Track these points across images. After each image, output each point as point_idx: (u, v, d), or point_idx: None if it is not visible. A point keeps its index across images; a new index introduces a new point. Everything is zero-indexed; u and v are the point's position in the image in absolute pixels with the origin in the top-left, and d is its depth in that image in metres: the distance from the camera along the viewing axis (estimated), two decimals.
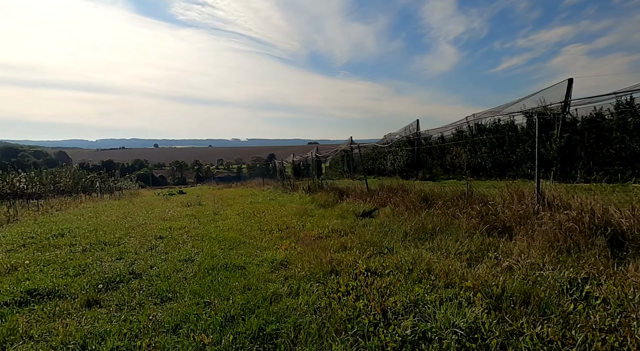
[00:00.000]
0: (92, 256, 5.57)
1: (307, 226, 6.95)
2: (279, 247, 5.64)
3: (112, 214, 11.83)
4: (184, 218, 9.79)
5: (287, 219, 7.96)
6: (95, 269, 4.82)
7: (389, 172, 30.09)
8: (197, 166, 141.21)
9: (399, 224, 5.89)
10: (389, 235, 5.48)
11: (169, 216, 10.21)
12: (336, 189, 10.81)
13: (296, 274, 4.18)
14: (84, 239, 6.94)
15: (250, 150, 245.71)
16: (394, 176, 28.22)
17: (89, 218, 10.69)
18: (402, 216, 6.46)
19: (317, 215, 8.12)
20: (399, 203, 7.11)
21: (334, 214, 7.75)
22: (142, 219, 9.78)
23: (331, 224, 6.78)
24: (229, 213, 10.28)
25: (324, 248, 5.17)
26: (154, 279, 4.34)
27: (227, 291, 3.72)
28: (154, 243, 6.38)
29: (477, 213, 5.24)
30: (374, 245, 5.02)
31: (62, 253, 5.84)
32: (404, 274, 3.73)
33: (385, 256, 4.46)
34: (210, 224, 8.31)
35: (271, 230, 7.02)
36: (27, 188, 21.82)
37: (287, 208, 10.16)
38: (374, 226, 6.21)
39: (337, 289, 3.54)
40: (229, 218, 9.21)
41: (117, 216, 11.06)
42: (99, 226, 8.79)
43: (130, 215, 11.12)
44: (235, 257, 5.17)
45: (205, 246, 5.93)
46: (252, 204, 12.14)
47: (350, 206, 8.56)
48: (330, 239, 5.78)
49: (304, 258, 4.80)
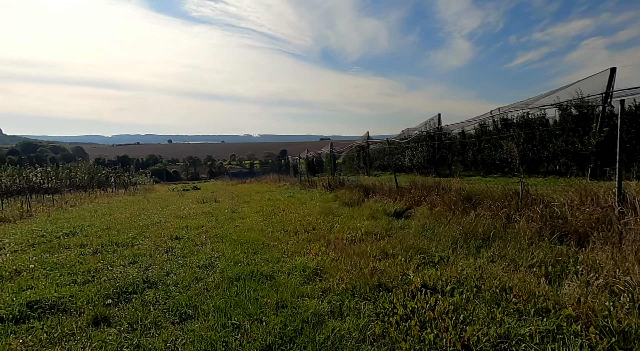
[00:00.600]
0: (103, 259, 5.06)
1: (336, 228, 6.32)
2: (308, 252, 5.03)
3: (126, 210, 11.44)
4: (201, 215, 9.28)
5: (311, 219, 7.34)
6: (106, 276, 4.29)
7: (406, 168, 29.18)
8: (210, 161, 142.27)
9: (443, 227, 5.20)
10: (434, 240, 4.80)
11: (185, 213, 9.72)
12: (360, 186, 10.15)
13: (335, 288, 3.55)
14: (95, 239, 6.47)
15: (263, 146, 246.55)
16: (412, 172, 27.36)
17: (102, 215, 10.29)
18: (444, 217, 5.76)
19: (344, 215, 7.47)
20: (438, 202, 6.40)
21: (363, 214, 7.09)
22: (157, 217, 9.31)
23: (363, 226, 6.13)
24: (247, 211, 9.73)
25: (361, 254, 4.53)
26: (171, 289, 3.78)
27: (258, 309, 3.12)
28: (170, 245, 5.85)
29: (540, 216, 4.52)
30: (420, 252, 4.36)
31: (71, 255, 5.35)
32: (471, 292, 3.06)
33: (439, 268, 3.78)
34: (229, 224, 7.75)
35: (296, 231, 6.41)
36: (44, 183, 21.84)
37: (308, 206, 9.55)
38: (414, 228, 5.53)
39: (391, 310, 2.90)
40: (248, 217, 8.65)
41: (131, 213, 10.64)
42: (112, 224, 8.34)
43: (144, 212, 10.69)
44: (261, 263, 4.58)
45: (226, 249, 5.36)
46: (271, 202, 11.58)
47: (378, 205, 7.89)
48: (366, 243, 5.13)
49: (340, 266, 4.17)
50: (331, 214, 7.61)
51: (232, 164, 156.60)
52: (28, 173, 19.71)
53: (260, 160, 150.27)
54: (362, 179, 15.31)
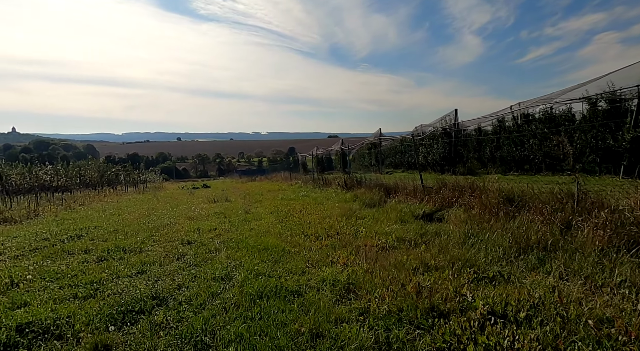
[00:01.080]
0: (109, 268, 4.57)
1: (362, 232, 5.74)
2: (335, 261, 4.47)
3: (135, 210, 11.03)
4: (212, 216, 8.79)
5: (332, 222, 6.78)
6: (110, 290, 3.79)
7: (420, 166, 28.41)
8: (219, 159, 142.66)
9: (488, 234, 4.58)
10: (482, 250, 4.19)
11: (196, 214, 9.24)
12: (380, 185, 9.54)
13: (375, 309, 2.99)
14: (101, 244, 6.00)
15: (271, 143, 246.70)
16: (426, 170, 26.63)
17: (110, 216, 9.88)
18: (484, 222, 5.14)
19: (367, 217, 6.89)
20: (474, 204, 5.78)
21: (389, 216, 6.49)
22: (167, 218, 8.84)
23: (392, 230, 5.54)
24: (261, 212, 9.21)
25: (397, 265, 3.95)
26: (184, 308, 3.26)
27: (289, 340, 2.57)
28: (182, 251, 5.35)
29: (607, 223, 3.88)
30: (468, 265, 3.76)
31: (74, 263, 4.88)
32: (555, 323, 2.46)
33: (500, 286, 3.19)
34: (244, 226, 7.24)
35: (317, 236, 5.85)
36: (53, 181, 21.68)
37: (326, 206, 8.99)
38: (452, 235, 4.92)
39: (457, 347, 2.33)
40: (263, 218, 8.12)
41: (140, 213, 10.22)
42: (120, 225, 7.89)
43: (154, 212, 10.25)
44: (285, 275, 4.03)
45: (243, 257, 4.83)
46: (284, 202, 11.05)
47: (403, 207, 7.29)
48: (400, 251, 4.55)
49: (376, 280, 3.61)
50: (353, 217, 7.03)
51: (240, 162, 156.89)
52: (37, 171, 19.53)
53: (268, 158, 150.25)
54: (375, 177, 14.70)
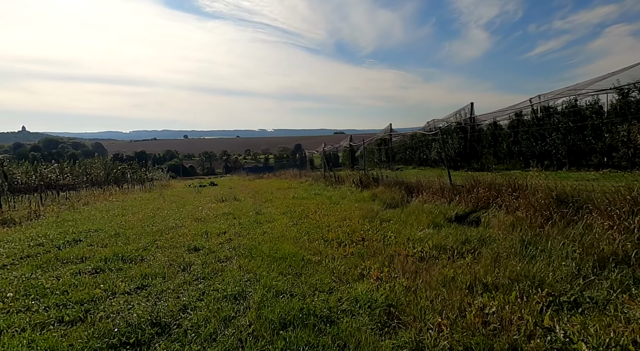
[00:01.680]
0: (104, 281, 3.97)
1: (391, 238, 5.06)
2: (367, 274, 3.81)
3: (140, 211, 10.47)
4: (221, 218, 8.18)
5: (354, 225, 6.11)
6: (103, 311, 3.18)
7: (432, 162, 27.62)
8: (226, 156, 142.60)
9: (550, 242, 3.87)
10: (546, 263, 3.48)
11: (204, 215, 8.64)
12: (400, 183, 8.82)
13: (434, 346, 2.33)
14: (100, 251, 5.41)
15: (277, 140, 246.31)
16: (440, 166, 25.81)
17: (113, 217, 9.33)
18: (535, 226, 4.43)
19: (393, 219, 6.20)
20: (519, 205, 5.06)
21: (419, 219, 5.79)
22: (173, 219, 8.25)
23: (426, 236, 4.86)
24: (273, 212, 8.57)
25: (445, 282, 3.27)
26: (190, 339, 2.63)
27: None
28: (188, 260, 4.73)
29: None
30: (535, 283, 3.06)
31: (66, 274, 4.29)
32: None
33: (593, 316, 2.49)
34: (255, 229, 6.60)
35: (340, 241, 5.19)
36: (59, 180, 21.34)
37: (343, 207, 8.31)
38: (502, 243, 4.22)
39: None
40: (276, 220, 7.48)
41: (145, 214, 9.65)
42: (123, 228, 7.32)
43: (159, 213, 9.68)
44: (310, 294, 3.38)
45: (258, 268, 4.18)
46: (297, 201, 10.40)
47: (431, 207, 6.59)
48: (442, 262, 3.87)
49: (423, 302, 2.94)
50: (377, 219, 6.35)
51: (247, 159, 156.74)
52: (42, 170, 19.16)
53: (275, 155, 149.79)
54: (393, 174, 13.98)
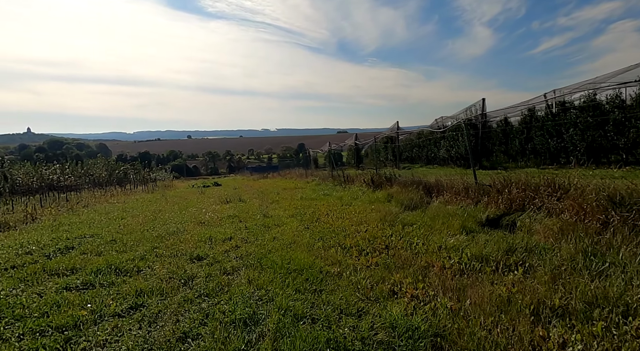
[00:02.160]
0: (93, 300, 3.41)
1: (418, 245, 4.47)
2: (398, 290, 3.23)
3: (140, 213, 9.95)
4: (226, 221, 7.62)
5: (373, 229, 5.52)
6: (88, 340, 2.62)
7: (441, 160, 26.96)
8: (229, 156, 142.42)
9: (622, 253, 3.27)
10: (627, 282, 2.87)
11: (207, 218, 8.09)
12: (417, 183, 8.22)
13: None
14: (93, 260, 4.87)
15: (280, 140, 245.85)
16: (448, 164, 25.15)
17: (112, 220, 8.80)
18: (592, 233, 3.83)
19: (417, 223, 5.60)
20: (563, 208, 4.46)
21: (447, 223, 5.19)
22: (174, 223, 7.69)
23: (460, 244, 4.26)
24: (281, 215, 7.99)
25: (500, 304, 2.69)
26: None
27: None
28: (189, 272, 4.16)
29: None
30: (622, 310, 2.46)
31: (50, 290, 3.74)
32: None
33: None
34: (264, 234, 6.03)
35: (360, 249, 4.61)
36: (61, 181, 20.94)
37: (356, 208, 7.73)
38: (555, 253, 3.62)
39: None
40: (285, 223, 6.91)
41: (146, 216, 9.12)
42: (121, 233, 6.78)
43: (160, 216, 9.14)
44: (335, 318, 2.80)
45: (270, 283, 3.61)
46: (305, 202, 9.82)
47: (456, 209, 5.98)
48: (486, 277, 3.28)
49: (481, 332, 2.36)
50: (397, 223, 5.75)
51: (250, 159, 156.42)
52: (42, 171, 18.75)
53: (278, 154, 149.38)
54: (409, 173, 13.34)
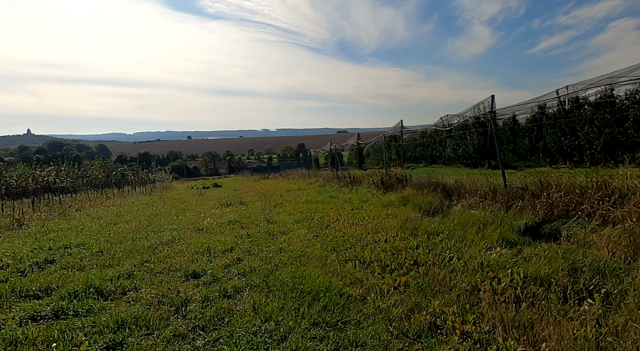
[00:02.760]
0: (60, 336, 2.74)
1: (452, 260, 3.80)
2: (441, 323, 2.57)
3: (135, 218, 9.28)
4: (226, 227, 6.94)
5: (392, 239, 4.85)
6: None
7: (446, 159, 26.26)
8: (229, 156, 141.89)
9: None
10: None
11: (206, 224, 7.41)
12: (434, 185, 7.54)
13: None
14: (73, 276, 4.19)
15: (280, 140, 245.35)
16: (454, 164, 24.47)
17: (104, 226, 8.14)
18: None
19: (445, 233, 4.90)
20: (626, 216, 3.79)
21: (483, 233, 4.51)
22: (170, 230, 7.02)
23: (505, 260, 3.58)
24: (286, 220, 7.31)
25: None
26: None
27: None
28: (183, 294, 3.49)
29: None
30: None
31: (13, 321, 3.07)
32: None
33: None
34: (269, 244, 5.36)
35: (382, 264, 3.93)
36: (57, 182, 20.30)
37: (368, 213, 7.05)
38: (638, 276, 2.95)
39: None
40: (292, 230, 6.23)
41: (140, 221, 8.45)
42: (110, 242, 6.12)
43: (156, 221, 8.47)
44: None
45: (280, 311, 2.94)
46: (311, 205, 9.15)
47: (485, 215, 5.31)
48: (554, 307, 2.62)
49: None
50: (421, 232, 5.07)
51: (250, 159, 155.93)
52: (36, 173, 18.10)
53: (278, 154, 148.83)
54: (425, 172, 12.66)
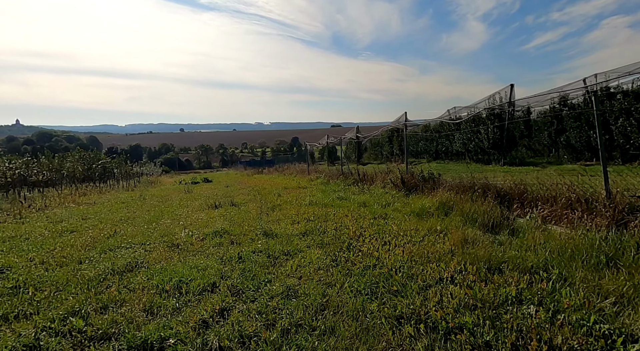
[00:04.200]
0: None
1: (615, 341, 2.15)
2: None
3: (100, 222, 7.49)
4: (210, 242, 5.19)
5: (462, 277, 3.17)
6: None
7: (454, 154, 24.63)
8: (222, 149, 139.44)
9: None
10: None
11: (185, 236, 5.63)
12: (484, 187, 5.83)
13: None
14: None
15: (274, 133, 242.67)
16: (463, 159, 22.86)
17: (57, 235, 6.34)
18: None
19: (540, 266, 3.25)
20: None
21: (605, 273, 2.87)
22: (133, 248, 5.18)
23: None
24: (290, 233, 5.55)
25: None
26: None
27: None
28: None
29: None
30: None
31: None
32: None
33: None
34: (270, 280, 3.61)
35: (474, 342, 2.28)
36: (30, 175, 18.37)
37: (399, 225, 5.32)
38: None
39: None
40: (300, 250, 4.49)
41: (102, 230, 6.66)
42: (44, 267, 4.35)
43: (123, 229, 6.68)
44: None
45: None
46: (317, 209, 7.40)
47: (588, 238, 3.65)
48: None
49: None
50: (506, 266, 3.39)
51: (244, 153, 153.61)
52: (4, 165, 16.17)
53: (272, 148, 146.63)
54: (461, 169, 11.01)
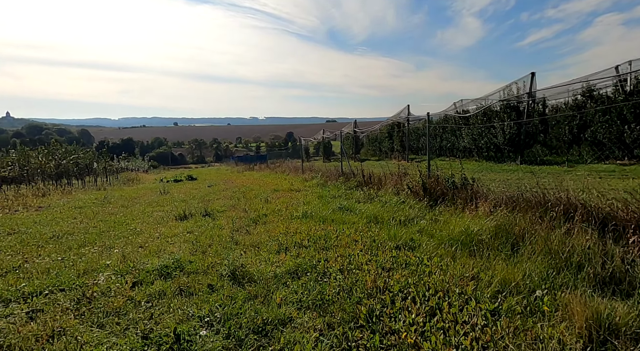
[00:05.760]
0: None
1: None
2: None
3: (19, 244, 5.58)
4: (145, 290, 3.31)
5: None
6: None
7: (460, 151, 22.74)
8: (216, 144, 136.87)
9: None
10: None
11: (104, 282, 3.76)
12: (566, 204, 3.99)
13: None
14: None
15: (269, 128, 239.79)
16: (471, 157, 21.09)
17: None
18: None
19: None
20: None
21: None
22: (30, 297, 3.32)
23: None
24: (271, 273, 3.67)
25: None
26: None
27: None
28: None
29: None
30: None
31: None
32: None
33: None
34: None
35: None
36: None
37: (444, 268, 3.49)
38: None
39: None
40: (286, 320, 2.67)
41: (10, 261, 4.76)
42: None
43: (42, 255, 4.79)
44: None
45: None
46: (312, 225, 5.53)
47: None
48: None
49: None
50: None
51: (238, 147, 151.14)
52: None
53: (266, 143, 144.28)
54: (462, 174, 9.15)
